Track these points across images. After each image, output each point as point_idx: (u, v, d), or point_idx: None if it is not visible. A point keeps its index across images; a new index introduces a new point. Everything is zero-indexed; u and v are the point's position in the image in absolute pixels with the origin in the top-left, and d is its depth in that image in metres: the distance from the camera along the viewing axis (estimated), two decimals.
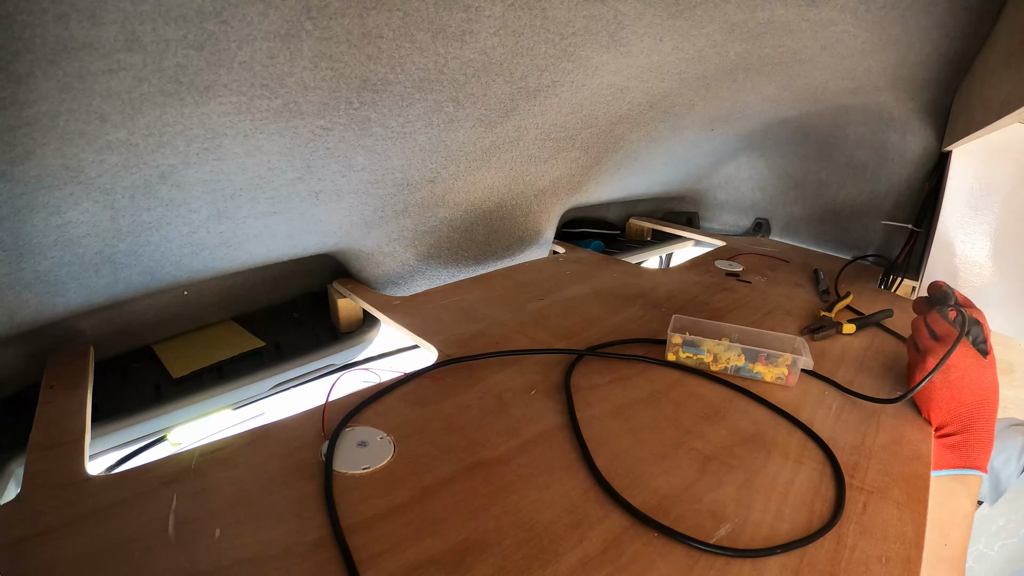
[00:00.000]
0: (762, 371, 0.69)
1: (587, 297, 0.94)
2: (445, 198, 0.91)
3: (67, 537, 0.40)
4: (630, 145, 1.10)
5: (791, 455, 0.56)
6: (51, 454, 0.49)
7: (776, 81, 1.03)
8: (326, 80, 0.56)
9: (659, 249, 1.50)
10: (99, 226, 0.58)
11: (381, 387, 0.62)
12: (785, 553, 0.43)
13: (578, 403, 0.61)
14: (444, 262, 1.02)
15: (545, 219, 1.15)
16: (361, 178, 0.74)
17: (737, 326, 0.76)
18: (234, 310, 0.95)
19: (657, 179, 1.42)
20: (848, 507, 0.49)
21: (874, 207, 1.30)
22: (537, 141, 0.91)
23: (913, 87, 1.06)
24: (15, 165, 0.46)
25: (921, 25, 0.87)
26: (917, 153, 1.19)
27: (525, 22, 0.63)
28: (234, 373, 0.80)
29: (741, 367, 0.70)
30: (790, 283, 1.10)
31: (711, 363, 0.71)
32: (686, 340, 0.72)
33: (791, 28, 0.84)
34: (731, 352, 0.70)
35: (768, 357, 0.69)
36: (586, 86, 0.82)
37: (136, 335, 0.84)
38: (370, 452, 0.51)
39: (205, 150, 0.56)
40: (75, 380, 0.64)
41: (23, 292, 0.60)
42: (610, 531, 0.44)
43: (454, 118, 0.74)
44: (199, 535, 0.41)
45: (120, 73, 0.44)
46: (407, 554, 0.41)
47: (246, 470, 0.48)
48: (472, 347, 0.73)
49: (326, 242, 0.87)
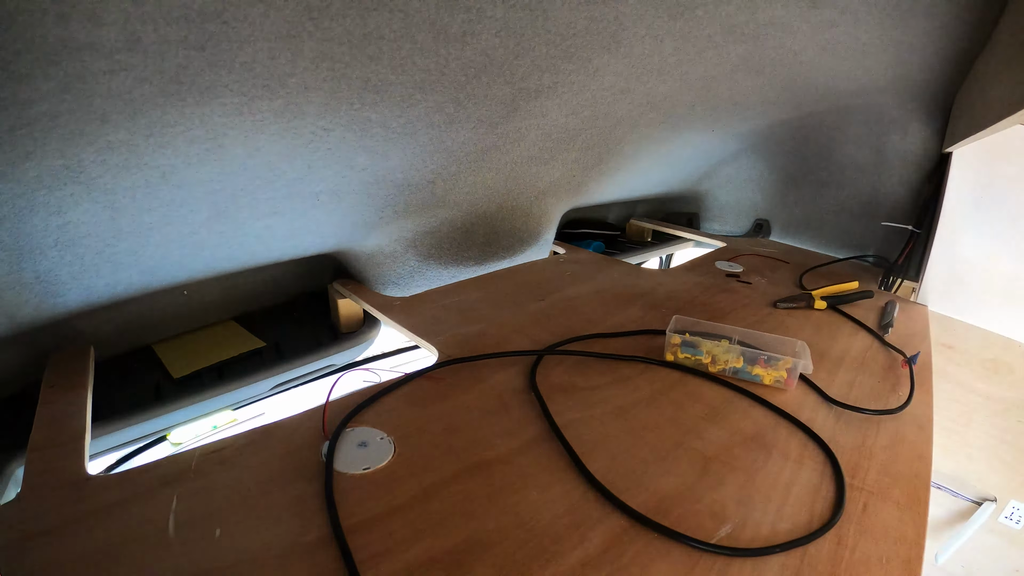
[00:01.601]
0: (761, 373, 0.69)
1: (587, 298, 0.94)
2: (446, 199, 0.91)
3: (67, 537, 0.40)
4: (631, 146, 1.10)
5: (791, 455, 0.56)
6: (51, 454, 0.49)
7: (777, 82, 1.03)
8: (327, 81, 0.56)
9: (659, 250, 1.50)
10: (99, 226, 0.58)
11: (381, 387, 0.62)
12: (785, 553, 0.43)
13: (579, 403, 0.61)
14: (444, 262, 1.02)
15: (545, 220, 1.15)
16: (362, 179, 0.74)
17: (739, 328, 0.76)
18: (234, 310, 0.95)
19: (657, 180, 1.42)
20: (848, 508, 0.49)
21: (874, 208, 1.30)
22: (538, 142, 0.91)
23: (914, 88, 1.06)
24: (15, 165, 0.46)
25: (922, 27, 0.87)
26: (918, 154, 1.19)
27: (526, 23, 0.63)
28: (234, 373, 0.80)
29: (740, 369, 0.70)
30: (790, 284, 1.10)
31: (709, 364, 0.71)
32: (685, 341, 0.72)
33: (792, 29, 0.84)
34: (730, 354, 0.70)
35: (768, 360, 0.68)
36: (587, 87, 0.82)
37: (136, 335, 0.83)
38: (370, 452, 0.51)
39: (206, 151, 0.56)
40: (75, 380, 0.63)
41: (23, 292, 0.60)
42: (610, 531, 0.44)
43: (455, 119, 0.74)
44: (199, 535, 0.41)
45: (121, 73, 0.44)
46: (407, 554, 0.41)
47: (246, 470, 0.48)
48: (472, 347, 0.73)
49: (326, 242, 0.87)
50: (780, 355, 0.68)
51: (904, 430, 0.62)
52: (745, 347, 0.70)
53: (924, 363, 0.80)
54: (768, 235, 1.53)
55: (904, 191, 1.24)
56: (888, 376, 0.75)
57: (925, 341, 0.88)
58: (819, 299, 0.92)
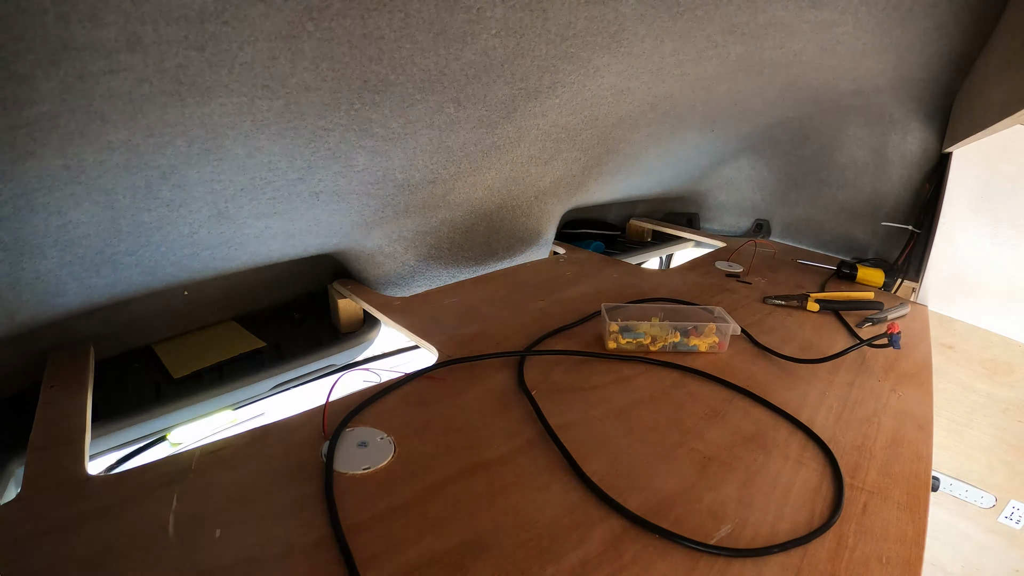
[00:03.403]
0: (697, 343, 0.72)
1: (587, 298, 0.94)
2: (446, 199, 0.91)
3: (67, 537, 0.40)
4: (631, 146, 1.10)
5: (791, 456, 0.56)
6: (51, 454, 0.49)
7: (777, 82, 1.03)
8: (327, 81, 0.56)
9: (659, 250, 1.50)
10: (99, 226, 0.58)
11: (381, 387, 0.62)
12: (785, 553, 0.43)
13: (579, 404, 0.62)
14: (444, 263, 1.02)
15: (545, 220, 1.15)
16: (362, 179, 0.74)
17: (659, 304, 0.78)
18: (234, 310, 0.95)
19: (657, 180, 1.42)
20: (849, 508, 0.49)
21: (874, 208, 1.30)
22: (538, 142, 0.91)
23: (914, 88, 1.06)
24: (15, 165, 0.46)
25: (922, 27, 0.87)
26: (917, 154, 1.19)
27: (526, 23, 0.63)
28: (234, 373, 0.80)
29: (678, 343, 0.72)
30: (790, 284, 1.10)
31: (650, 345, 0.72)
32: (623, 326, 0.72)
33: (792, 29, 0.84)
34: (666, 331, 0.71)
35: (696, 328, 0.72)
36: (587, 87, 0.82)
37: (136, 335, 0.84)
38: (370, 452, 0.51)
39: (206, 150, 0.56)
40: (75, 380, 0.64)
41: (23, 292, 0.60)
42: (611, 531, 0.44)
43: (455, 119, 0.74)
44: (199, 535, 0.41)
45: (121, 74, 0.44)
46: (407, 554, 0.41)
47: (246, 470, 0.48)
48: (472, 347, 0.73)
49: (327, 242, 0.87)
50: (704, 323, 0.73)
51: (904, 430, 0.62)
52: (674, 323, 0.74)
53: (924, 363, 0.80)
54: (768, 235, 1.53)
55: (904, 191, 1.24)
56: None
57: (925, 341, 0.88)
58: (812, 300, 0.92)
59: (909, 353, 0.83)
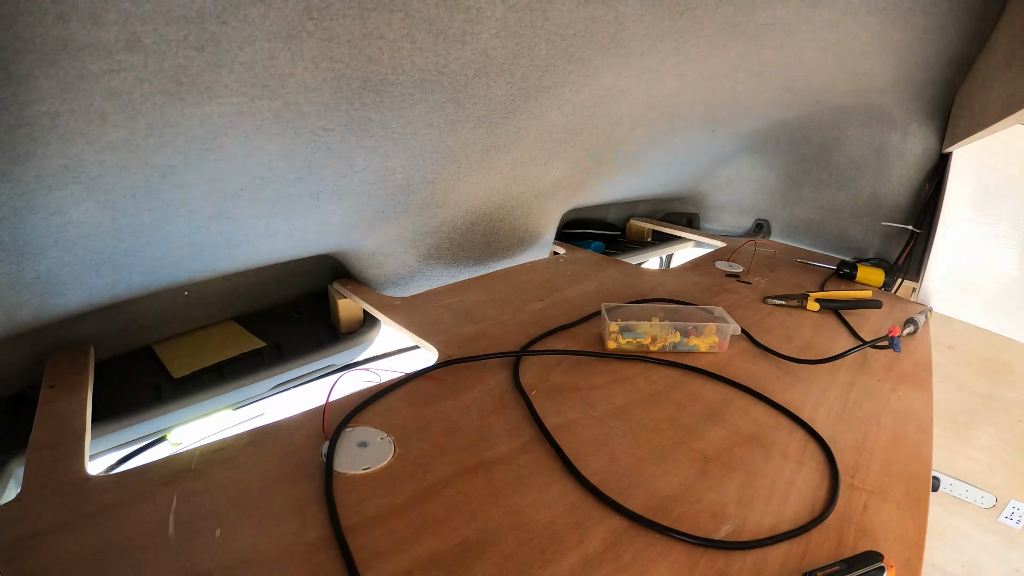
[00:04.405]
0: (697, 343, 0.72)
1: (587, 298, 0.94)
2: (446, 199, 0.91)
3: (67, 537, 0.40)
4: (631, 146, 1.10)
5: (791, 455, 0.56)
6: (51, 454, 0.49)
7: (777, 82, 1.03)
8: (327, 81, 0.56)
9: (659, 250, 1.50)
10: (99, 226, 0.58)
11: (381, 387, 0.62)
12: (784, 552, 0.43)
13: (579, 403, 0.61)
14: (444, 263, 1.02)
15: (545, 220, 1.15)
16: (362, 179, 0.74)
17: (659, 304, 0.78)
18: (234, 310, 0.95)
19: (657, 180, 1.42)
20: (849, 507, 0.49)
21: (874, 208, 1.30)
22: (538, 142, 0.91)
23: (914, 88, 1.06)
24: (15, 165, 0.46)
25: (922, 27, 0.87)
26: (917, 154, 1.19)
27: (526, 23, 0.63)
28: (234, 373, 0.80)
29: (678, 343, 0.73)
30: (790, 284, 1.10)
31: (650, 345, 0.72)
32: (623, 326, 0.72)
33: (792, 29, 0.84)
34: (667, 331, 0.71)
35: (696, 328, 0.72)
36: (587, 87, 0.82)
37: (136, 335, 0.83)
38: (370, 452, 0.51)
39: (206, 150, 0.56)
40: (75, 380, 0.63)
41: (23, 292, 0.60)
42: (611, 531, 0.44)
43: (455, 119, 0.74)
44: (199, 535, 0.41)
45: (121, 73, 0.44)
46: (407, 554, 0.41)
47: (246, 470, 0.48)
48: (472, 347, 0.73)
49: (327, 242, 0.87)
50: (704, 323, 0.73)
51: (904, 430, 0.62)
52: (674, 323, 0.74)
53: (924, 363, 0.80)
54: (768, 235, 1.53)
55: (904, 191, 1.24)
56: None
57: (925, 341, 0.88)
58: (813, 300, 0.92)
59: (909, 353, 0.83)
